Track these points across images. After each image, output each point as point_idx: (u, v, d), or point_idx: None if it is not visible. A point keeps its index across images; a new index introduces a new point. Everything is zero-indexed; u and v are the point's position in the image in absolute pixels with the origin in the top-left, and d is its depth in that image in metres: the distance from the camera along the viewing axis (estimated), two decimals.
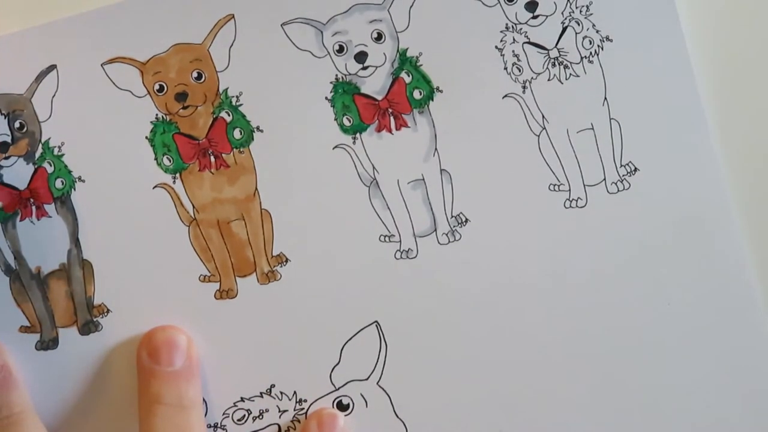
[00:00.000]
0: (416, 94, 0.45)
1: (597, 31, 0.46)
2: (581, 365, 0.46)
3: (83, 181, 0.44)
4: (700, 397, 0.46)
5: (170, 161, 0.45)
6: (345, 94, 0.45)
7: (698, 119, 0.46)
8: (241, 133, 0.45)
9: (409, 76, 0.45)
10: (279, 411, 0.45)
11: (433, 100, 0.45)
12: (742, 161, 0.46)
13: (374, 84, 0.45)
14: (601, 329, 0.46)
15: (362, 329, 0.45)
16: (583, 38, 0.46)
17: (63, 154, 0.44)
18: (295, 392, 0.45)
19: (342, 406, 0.45)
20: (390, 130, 0.46)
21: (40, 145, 0.44)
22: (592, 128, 0.46)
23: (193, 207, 0.45)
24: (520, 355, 0.46)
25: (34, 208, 0.44)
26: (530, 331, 0.46)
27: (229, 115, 0.45)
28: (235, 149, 0.45)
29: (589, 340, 0.46)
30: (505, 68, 0.45)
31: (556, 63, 0.46)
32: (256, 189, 0.45)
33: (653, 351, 0.46)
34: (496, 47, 0.45)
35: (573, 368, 0.46)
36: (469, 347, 0.46)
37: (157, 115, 0.45)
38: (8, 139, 0.44)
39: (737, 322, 0.46)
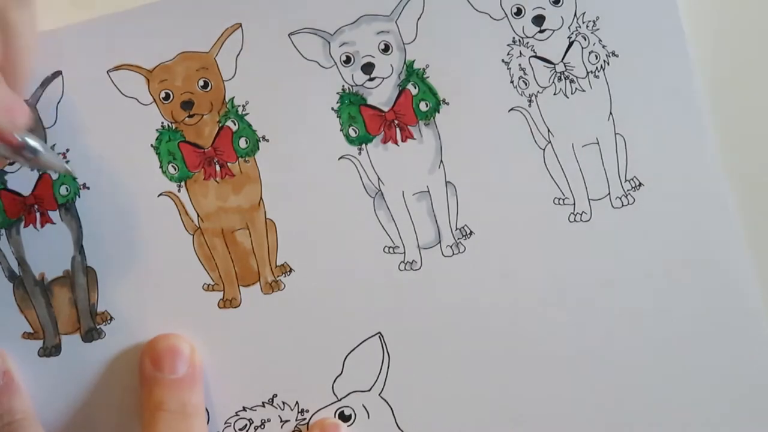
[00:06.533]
0: (422, 106, 0.45)
1: (603, 47, 0.46)
2: (585, 378, 0.46)
3: (88, 188, 0.44)
4: (702, 404, 0.46)
5: (175, 169, 0.45)
6: (351, 105, 0.45)
7: (702, 135, 0.46)
8: (246, 143, 0.45)
9: (415, 87, 0.45)
10: (281, 421, 0.45)
11: (439, 112, 0.45)
12: (745, 177, 0.47)
13: (381, 95, 0.45)
14: (606, 342, 0.46)
15: (365, 340, 0.45)
16: (590, 53, 0.46)
17: (68, 161, 0.44)
18: (297, 402, 0.45)
19: (344, 417, 0.45)
20: (396, 142, 0.46)
21: None
22: (597, 143, 0.46)
23: (198, 216, 0.45)
24: (523, 367, 0.46)
25: (38, 214, 0.44)
26: (534, 343, 0.46)
27: (235, 124, 0.45)
28: (240, 158, 0.45)
29: (593, 352, 0.46)
30: (512, 81, 0.46)
31: (562, 77, 0.46)
32: (261, 198, 0.45)
33: (656, 363, 0.46)
34: (503, 60, 0.45)
35: (577, 381, 0.46)
36: (471, 360, 0.46)
37: (162, 123, 0.45)
38: None
39: (740, 331, 0.46)
